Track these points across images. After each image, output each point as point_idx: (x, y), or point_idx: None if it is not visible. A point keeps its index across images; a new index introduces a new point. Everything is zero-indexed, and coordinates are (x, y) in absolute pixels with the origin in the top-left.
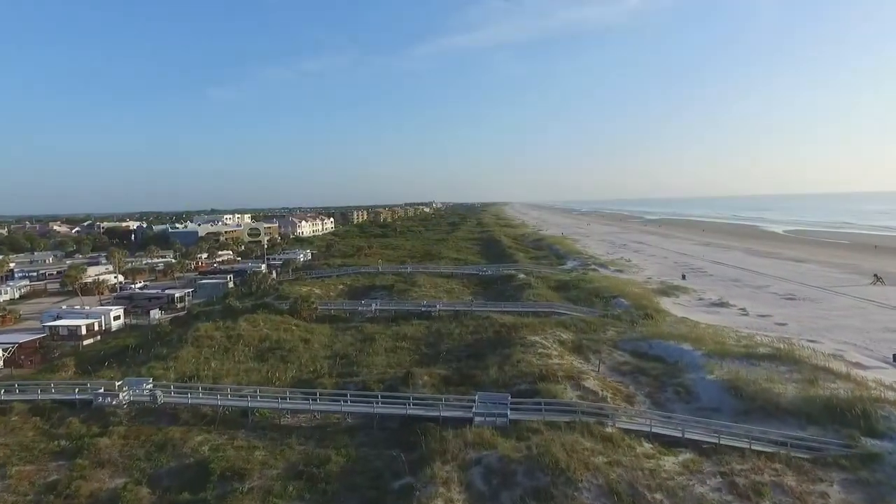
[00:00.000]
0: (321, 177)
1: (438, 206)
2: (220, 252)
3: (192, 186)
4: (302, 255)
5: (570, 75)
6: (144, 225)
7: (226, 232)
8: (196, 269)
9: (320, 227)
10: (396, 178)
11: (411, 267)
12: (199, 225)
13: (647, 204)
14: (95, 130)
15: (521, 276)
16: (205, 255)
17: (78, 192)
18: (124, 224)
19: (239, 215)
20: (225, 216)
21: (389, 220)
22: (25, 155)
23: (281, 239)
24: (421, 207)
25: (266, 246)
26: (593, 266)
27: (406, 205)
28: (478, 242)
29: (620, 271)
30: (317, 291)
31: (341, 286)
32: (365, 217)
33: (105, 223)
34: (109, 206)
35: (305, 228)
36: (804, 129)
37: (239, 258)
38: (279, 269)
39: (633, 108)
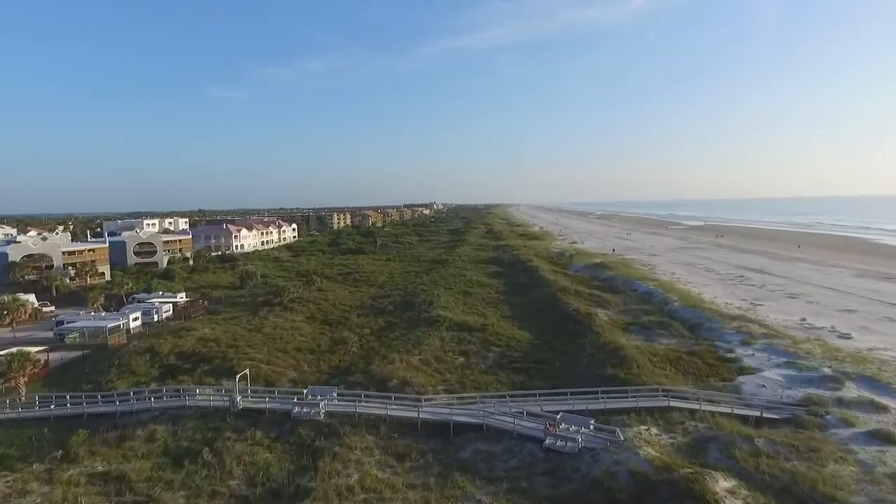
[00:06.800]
0: (320, 176)
1: (440, 207)
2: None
3: (191, 186)
4: (136, 317)
5: (571, 76)
6: None
7: (76, 252)
8: None
9: (275, 237)
10: (396, 178)
11: (341, 391)
12: (72, 239)
13: (655, 206)
14: (95, 129)
15: (724, 485)
16: None
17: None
18: None
19: (172, 219)
20: (146, 221)
21: (379, 223)
22: (25, 153)
23: (195, 258)
24: (420, 209)
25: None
26: (808, 367)
27: (405, 206)
28: (497, 269)
29: None
30: None
31: None
32: (348, 221)
33: None
34: (109, 206)
35: (248, 240)
36: (807, 131)
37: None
38: (10, 364)
39: (634, 108)
